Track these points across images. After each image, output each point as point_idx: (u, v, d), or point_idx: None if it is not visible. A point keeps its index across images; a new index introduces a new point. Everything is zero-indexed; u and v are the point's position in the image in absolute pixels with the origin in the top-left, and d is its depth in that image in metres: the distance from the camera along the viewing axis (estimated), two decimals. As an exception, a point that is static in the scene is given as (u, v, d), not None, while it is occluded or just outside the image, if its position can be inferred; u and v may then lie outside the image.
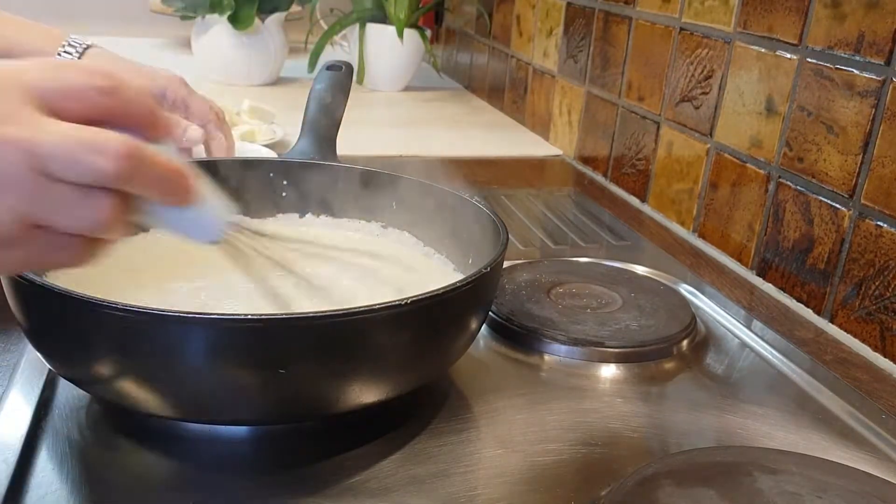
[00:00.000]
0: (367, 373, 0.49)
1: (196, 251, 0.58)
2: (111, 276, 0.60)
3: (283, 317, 0.45)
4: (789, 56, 0.78)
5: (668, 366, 0.66)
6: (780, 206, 0.80)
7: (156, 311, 0.44)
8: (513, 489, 0.50)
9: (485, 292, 0.56)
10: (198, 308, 0.56)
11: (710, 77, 0.90)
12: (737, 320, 0.74)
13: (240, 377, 0.46)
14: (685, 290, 0.79)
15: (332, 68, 0.80)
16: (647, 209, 1.03)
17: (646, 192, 1.03)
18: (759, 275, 0.83)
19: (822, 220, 0.74)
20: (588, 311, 0.71)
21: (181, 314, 0.44)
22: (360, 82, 1.58)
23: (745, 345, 0.70)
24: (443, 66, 1.78)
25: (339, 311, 0.46)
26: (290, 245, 0.50)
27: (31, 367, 0.56)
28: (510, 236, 0.59)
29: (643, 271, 0.82)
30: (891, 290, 0.67)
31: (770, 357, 0.69)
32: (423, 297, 0.48)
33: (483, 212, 0.63)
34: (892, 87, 0.67)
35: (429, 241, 0.69)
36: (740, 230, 0.86)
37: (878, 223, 0.68)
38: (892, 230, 0.67)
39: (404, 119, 1.43)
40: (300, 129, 0.78)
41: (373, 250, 0.68)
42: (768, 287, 0.81)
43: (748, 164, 0.84)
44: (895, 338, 0.67)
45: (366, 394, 0.49)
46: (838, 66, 0.72)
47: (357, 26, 1.55)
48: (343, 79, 0.80)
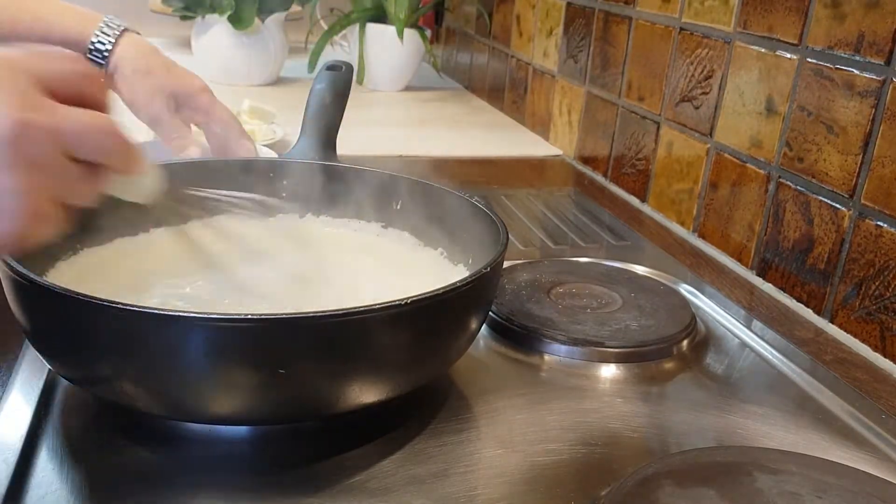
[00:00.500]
0: (367, 373, 0.49)
1: (195, 251, 0.58)
2: (111, 275, 0.60)
3: (283, 317, 0.45)
4: (789, 56, 0.78)
5: (668, 366, 0.66)
6: (780, 206, 0.80)
7: (156, 311, 0.44)
8: (513, 489, 0.50)
9: (485, 292, 0.56)
10: (199, 307, 0.56)
11: (710, 77, 0.90)
12: (737, 320, 0.74)
13: (240, 377, 0.46)
14: (685, 290, 0.79)
15: (332, 68, 0.80)
16: (647, 209, 1.03)
17: (646, 192, 1.03)
18: (759, 275, 0.83)
19: (822, 220, 0.74)
20: (588, 311, 0.71)
21: (181, 314, 0.44)
22: (360, 82, 1.58)
23: (745, 345, 0.70)
24: (443, 66, 1.78)
25: (339, 311, 0.46)
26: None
27: (31, 367, 0.56)
28: (510, 236, 0.59)
29: (643, 271, 0.82)
30: (891, 290, 0.67)
31: (770, 357, 0.69)
32: (423, 297, 0.48)
33: (483, 212, 0.63)
34: (892, 87, 0.67)
35: (429, 241, 0.69)
36: (740, 230, 0.86)
37: (878, 223, 0.68)
38: (892, 230, 0.67)
39: (404, 119, 1.43)
40: (300, 129, 0.78)
41: (370, 248, 0.69)
42: (768, 287, 0.81)
43: (748, 164, 0.84)
44: (895, 338, 0.67)
45: (366, 394, 0.49)
46: (838, 66, 0.72)
47: (357, 26, 1.55)
48: (343, 79, 0.80)
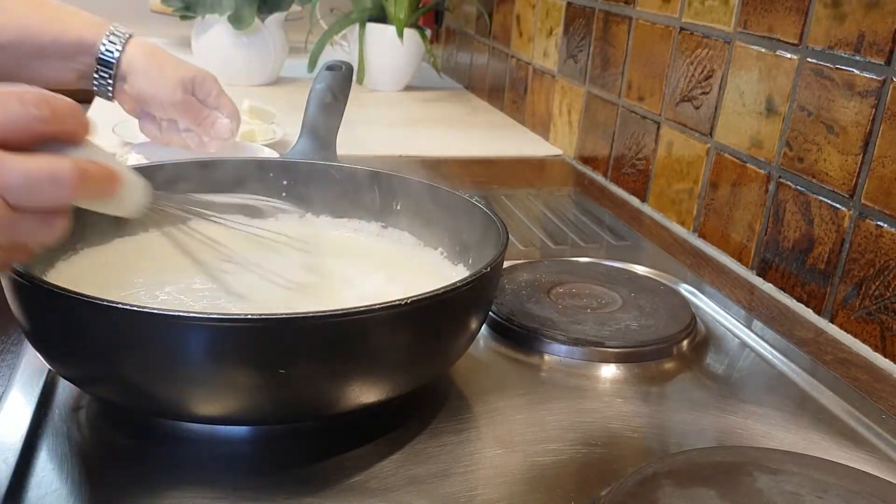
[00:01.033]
0: (367, 373, 0.49)
1: (196, 250, 0.58)
2: (110, 275, 0.60)
3: (283, 317, 0.45)
4: (789, 56, 0.78)
5: (668, 366, 0.66)
6: (781, 206, 0.80)
7: (156, 311, 0.44)
8: (513, 489, 0.50)
9: (485, 292, 0.56)
10: (199, 308, 0.56)
11: (711, 77, 0.90)
12: (737, 320, 0.74)
13: (240, 377, 0.46)
14: (685, 290, 0.79)
15: (332, 68, 0.81)
16: (647, 209, 1.03)
17: (646, 192, 1.03)
18: (759, 275, 0.83)
19: (823, 220, 0.74)
20: (588, 311, 0.71)
21: (181, 314, 0.44)
22: (360, 82, 1.58)
23: (745, 345, 0.70)
24: (443, 66, 1.78)
25: (339, 311, 0.46)
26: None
27: (31, 367, 0.56)
28: (510, 236, 0.59)
29: (643, 271, 0.82)
30: (891, 290, 0.67)
31: (770, 357, 0.69)
32: (423, 297, 0.48)
33: (483, 212, 0.63)
34: (892, 87, 0.67)
35: (429, 242, 0.69)
36: (740, 230, 0.86)
37: (879, 223, 0.68)
38: (893, 230, 0.67)
39: (404, 119, 1.43)
40: (300, 129, 0.78)
41: (371, 249, 0.69)
42: (768, 287, 0.81)
43: (748, 164, 0.84)
44: (895, 338, 0.67)
45: (366, 394, 0.49)
46: (838, 66, 0.72)
47: (357, 26, 1.55)
48: (343, 79, 0.80)
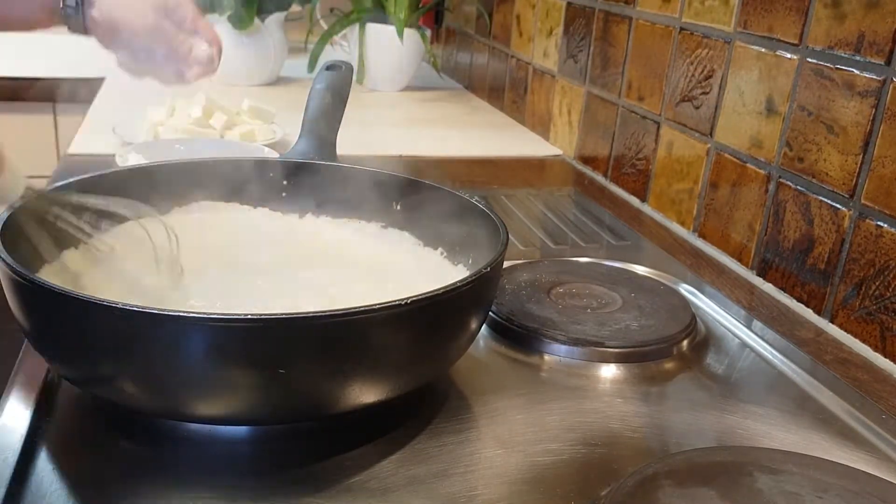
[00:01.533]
0: (367, 373, 0.49)
1: (196, 248, 0.58)
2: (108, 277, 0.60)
3: (283, 317, 0.45)
4: (789, 56, 0.78)
5: (668, 366, 0.66)
6: (781, 206, 0.80)
7: (156, 311, 0.44)
8: (513, 489, 0.50)
9: (485, 292, 0.56)
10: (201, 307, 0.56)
11: (711, 77, 0.90)
12: (737, 320, 0.74)
13: (240, 377, 0.46)
14: (685, 290, 0.79)
15: (332, 68, 0.80)
16: (647, 209, 1.03)
17: (646, 192, 1.03)
18: (759, 275, 0.83)
19: (823, 220, 0.74)
20: (588, 311, 0.71)
21: (181, 314, 0.44)
22: (360, 82, 1.58)
23: (745, 345, 0.70)
24: (443, 66, 1.78)
25: (339, 311, 0.46)
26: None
27: (31, 367, 0.56)
28: (510, 236, 0.59)
29: (643, 271, 0.82)
30: (891, 290, 0.67)
31: (770, 357, 0.69)
32: (423, 297, 0.48)
33: (483, 212, 0.63)
34: (892, 87, 0.67)
35: (429, 241, 0.69)
36: (740, 230, 0.86)
37: (879, 223, 0.68)
38: (893, 230, 0.67)
39: (404, 119, 1.43)
40: (300, 129, 0.78)
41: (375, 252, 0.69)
42: (768, 287, 0.81)
43: (748, 164, 0.84)
44: (895, 338, 0.67)
45: (366, 394, 0.49)
46: (838, 66, 0.72)
47: (357, 26, 1.55)
48: (343, 79, 0.80)
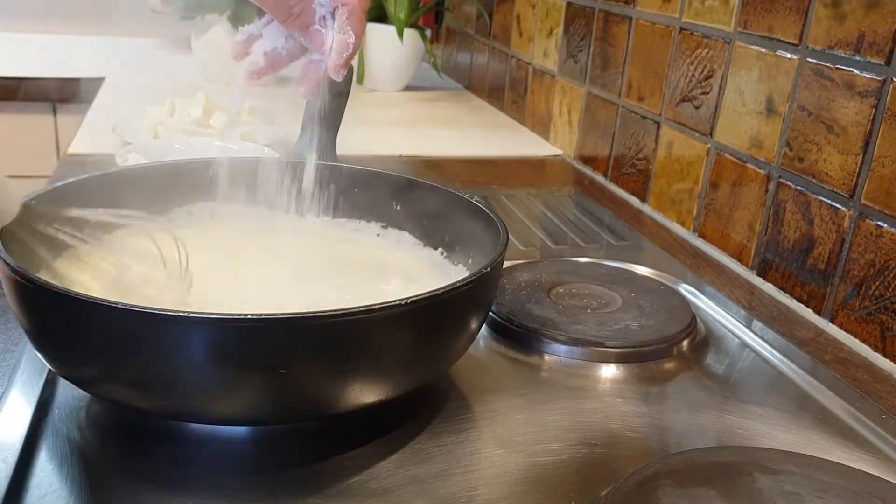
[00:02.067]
0: (367, 373, 0.49)
1: (195, 251, 0.58)
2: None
3: (283, 317, 0.45)
4: (789, 56, 0.78)
5: (668, 366, 0.66)
6: (781, 206, 0.80)
7: (156, 311, 0.44)
8: (513, 489, 0.50)
9: (485, 292, 0.56)
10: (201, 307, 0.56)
11: (711, 77, 0.90)
12: (737, 320, 0.74)
13: (240, 377, 0.46)
14: (685, 290, 0.79)
15: (332, 68, 0.80)
16: (647, 209, 1.03)
17: (646, 192, 1.03)
18: (759, 275, 0.83)
19: (823, 220, 0.74)
20: (588, 311, 0.71)
21: (181, 314, 0.44)
22: (360, 82, 1.58)
23: (745, 345, 0.70)
24: (443, 66, 1.78)
25: (339, 311, 0.46)
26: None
27: (31, 367, 0.56)
28: (510, 236, 0.59)
29: (643, 271, 0.82)
30: (891, 290, 0.67)
31: (770, 357, 0.69)
32: (423, 297, 0.48)
33: (483, 212, 0.63)
34: (892, 87, 0.67)
35: (429, 241, 0.69)
36: (740, 230, 0.86)
37: (879, 223, 0.68)
38: (893, 230, 0.67)
39: (404, 119, 1.43)
40: (300, 129, 0.77)
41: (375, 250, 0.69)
42: (768, 287, 0.81)
43: (748, 164, 0.84)
44: (895, 338, 0.67)
45: (366, 394, 0.49)
46: (838, 66, 0.72)
47: (357, 26, 1.55)
48: (343, 79, 0.80)
